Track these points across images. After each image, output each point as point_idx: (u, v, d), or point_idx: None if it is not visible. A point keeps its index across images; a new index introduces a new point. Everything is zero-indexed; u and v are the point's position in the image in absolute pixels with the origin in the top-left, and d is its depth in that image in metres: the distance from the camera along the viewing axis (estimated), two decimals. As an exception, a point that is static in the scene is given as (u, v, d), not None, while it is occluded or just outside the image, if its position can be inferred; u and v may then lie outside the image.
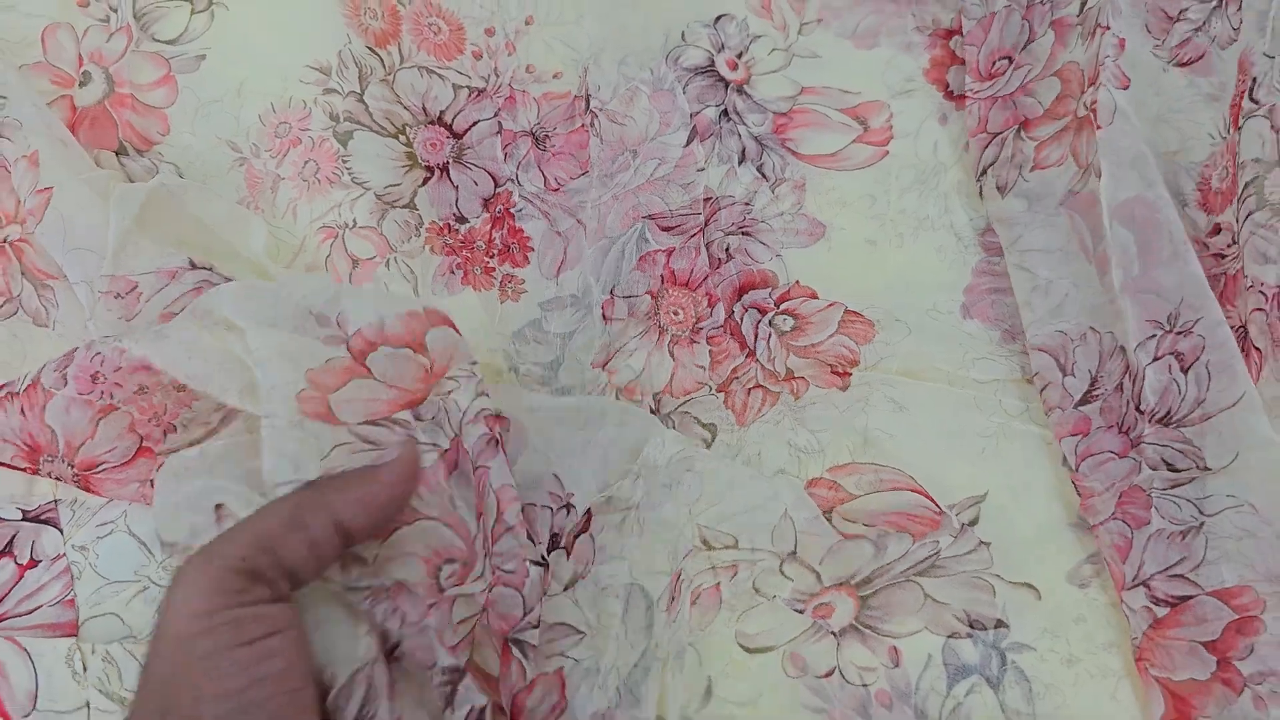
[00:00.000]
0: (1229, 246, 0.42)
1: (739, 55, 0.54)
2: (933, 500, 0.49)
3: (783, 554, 0.48)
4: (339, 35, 0.54)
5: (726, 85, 0.54)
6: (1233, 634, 0.38)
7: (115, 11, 0.53)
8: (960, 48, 0.52)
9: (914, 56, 0.54)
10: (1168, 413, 0.40)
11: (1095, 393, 0.42)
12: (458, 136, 0.54)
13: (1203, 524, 0.40)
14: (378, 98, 0.54)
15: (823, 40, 0.54)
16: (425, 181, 0.54)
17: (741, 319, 0.52)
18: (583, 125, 0.54)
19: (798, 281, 0.52)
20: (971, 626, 0.47)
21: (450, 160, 0.54)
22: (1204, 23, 0.44)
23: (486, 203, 0.54)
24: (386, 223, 0.54)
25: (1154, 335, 0.40)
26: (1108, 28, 0.42)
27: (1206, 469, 0.40)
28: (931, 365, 0.51)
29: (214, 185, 0.53)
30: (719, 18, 0.55)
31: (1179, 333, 0.39)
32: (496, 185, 0.54)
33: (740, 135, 0.53)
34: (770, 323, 0.51)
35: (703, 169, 0.53)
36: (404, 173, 0.54)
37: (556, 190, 0.54)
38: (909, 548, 0.47)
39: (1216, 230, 0.42)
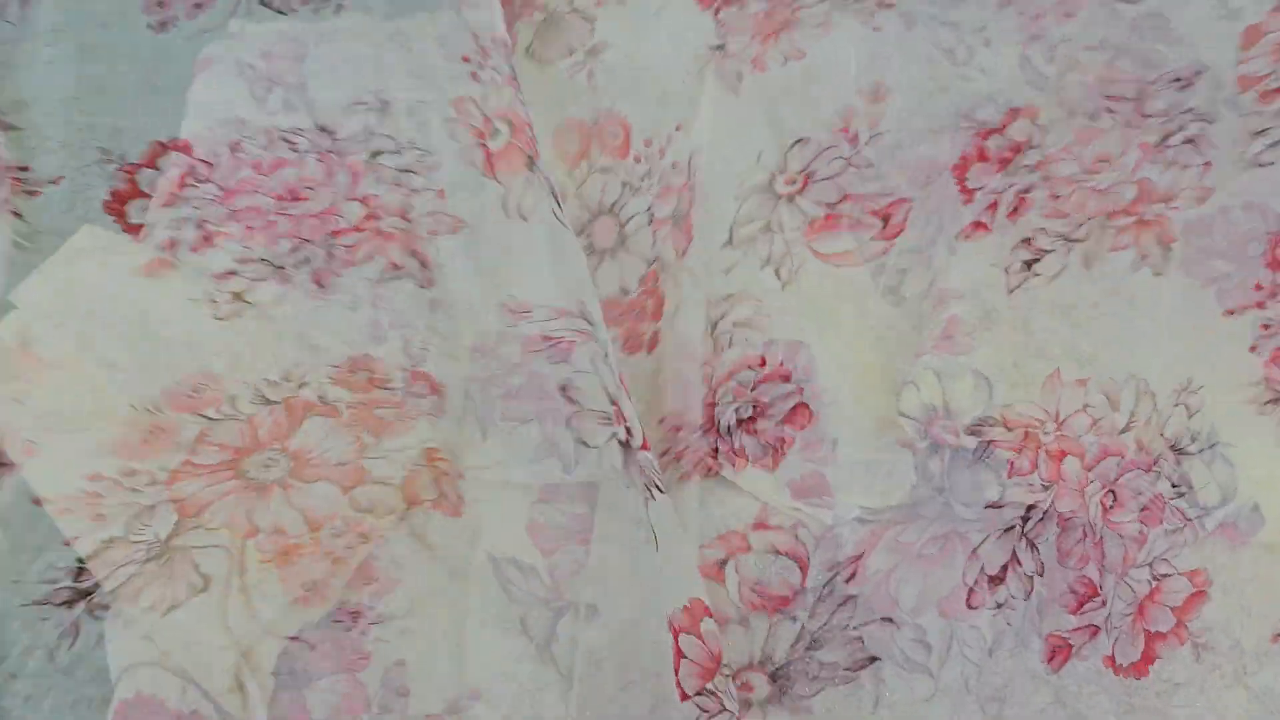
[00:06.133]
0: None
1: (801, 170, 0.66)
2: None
3: None
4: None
5: (777, 199, 0.66)
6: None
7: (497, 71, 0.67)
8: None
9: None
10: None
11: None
12: (621, 225, 0.69)
13: None
14: (571, 206, 0.70)
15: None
16: (599, 264, 0.69)
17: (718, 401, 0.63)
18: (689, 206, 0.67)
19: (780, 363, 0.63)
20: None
21: (615, 245, 0.68)
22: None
23: (642, 279, 0.67)
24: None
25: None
26: None
27: None
28: None
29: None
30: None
31: None
32: (648, 265, 0.67)
33: (772, 242, 0.65)
34: (736, 409, 0.62)
35: (729, 270, 0.65)
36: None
37: (683, 255, 0.66)
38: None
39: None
